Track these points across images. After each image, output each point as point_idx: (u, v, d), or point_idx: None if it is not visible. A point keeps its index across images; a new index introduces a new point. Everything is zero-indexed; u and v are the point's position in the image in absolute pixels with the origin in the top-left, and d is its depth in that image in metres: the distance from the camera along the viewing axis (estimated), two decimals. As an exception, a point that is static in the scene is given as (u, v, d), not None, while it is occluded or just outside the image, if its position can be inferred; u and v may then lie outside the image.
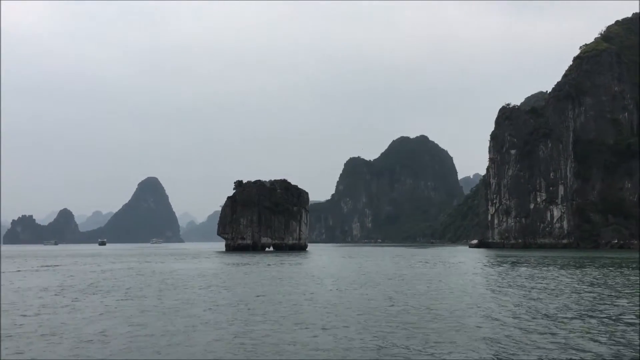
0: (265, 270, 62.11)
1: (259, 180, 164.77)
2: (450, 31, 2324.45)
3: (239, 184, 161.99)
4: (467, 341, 19.73)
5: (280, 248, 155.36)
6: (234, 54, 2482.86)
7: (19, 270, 64.47)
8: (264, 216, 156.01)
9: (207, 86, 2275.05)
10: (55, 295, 35.66)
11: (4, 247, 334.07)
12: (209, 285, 42.19)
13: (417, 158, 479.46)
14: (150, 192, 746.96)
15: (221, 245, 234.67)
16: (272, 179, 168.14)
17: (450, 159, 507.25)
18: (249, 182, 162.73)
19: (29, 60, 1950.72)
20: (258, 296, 34.69)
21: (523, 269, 61.11)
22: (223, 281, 46.62)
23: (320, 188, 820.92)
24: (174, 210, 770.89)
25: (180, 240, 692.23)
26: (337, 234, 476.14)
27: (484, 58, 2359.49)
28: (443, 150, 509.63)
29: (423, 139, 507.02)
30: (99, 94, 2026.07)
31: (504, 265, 70.88)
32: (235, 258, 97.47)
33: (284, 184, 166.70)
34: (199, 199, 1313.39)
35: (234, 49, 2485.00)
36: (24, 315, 26.27)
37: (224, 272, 59.73)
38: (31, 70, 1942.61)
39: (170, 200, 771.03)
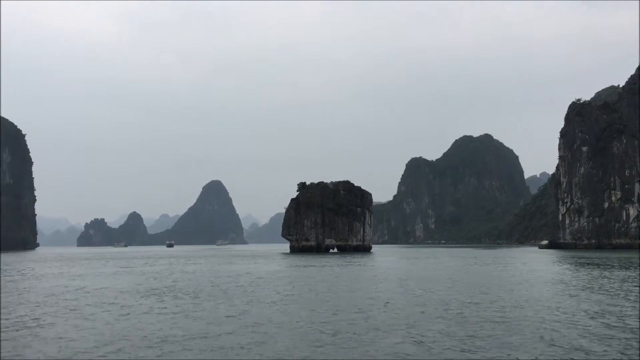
0: (345, 270, 61.85)
1: (322, 182, 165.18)
2: (514, 28, 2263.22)
3: (302, 186, 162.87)
4: None
5: (344, 249, 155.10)
6: (299, 56, 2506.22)
7: (126, 267, 66.81)
8: (327, 218, 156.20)
9: (270, 89, 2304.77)
10: (148, 297, 36.55)
11: (79, 249, 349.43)
12: (292, 286, 42.33)
13: (480, 157, 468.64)
14: (214, 195, 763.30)
15: (285, 247, 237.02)
16: (334, 181, 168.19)
17: (516, 157, 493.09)
18: (312, 184, 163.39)
19: (109, 67, 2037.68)
20: (349, 294, 34.40)
21: (623, 272, 58.27)
22: (306, 282, 46.65)
23: (382, 189, 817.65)
24: (237, 212, 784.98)
25: (244, 242, 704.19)
26: (400, 235, 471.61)
27: (550, 54, 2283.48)
28: (508, 149, 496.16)
29: (487, 138, 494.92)
30: (165, 99, 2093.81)
31: (593, 268, 67.86)
32: (304, 259, 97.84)
33: (347, 186, 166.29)
34: (261, 201, 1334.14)
35: (302, 51, 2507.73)
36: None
37: (301, 273, 59.86)
38: (106, 75, 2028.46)
39: (234, 202, 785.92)
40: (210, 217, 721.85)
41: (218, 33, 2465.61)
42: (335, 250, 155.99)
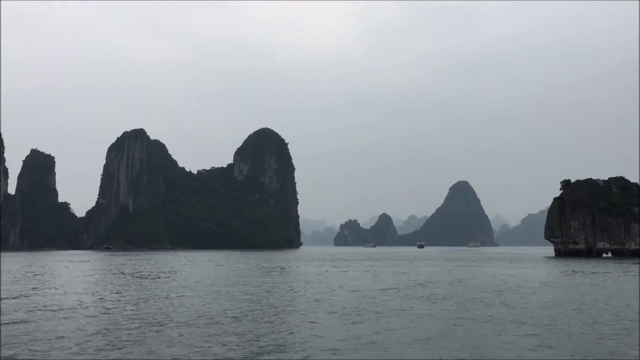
0: None
1: (590, 179, 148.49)
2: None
3: (566, 184, 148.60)
4: None
5: (620, 254, 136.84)
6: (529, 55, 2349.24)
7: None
8: (598, 218, 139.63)
9: (515, 88, 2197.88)
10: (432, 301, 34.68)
11: (334, 249, 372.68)
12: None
13: None
14: (462, 195, 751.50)
15: (545, 250, 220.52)
16: (604, 178, 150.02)
17: None
18: (578, 182, 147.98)
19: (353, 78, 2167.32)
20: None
21: None
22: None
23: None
24: (486, 213, 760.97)
25: (494, 244, 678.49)
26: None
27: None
28: None
29: None
30: (402, 103, 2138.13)
31: None
32: (586, 265, 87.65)
33: (620, 182, 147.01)
34: (511, 202, 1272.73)
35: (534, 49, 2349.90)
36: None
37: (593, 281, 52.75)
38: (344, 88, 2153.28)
39: (482, 203, 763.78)
40: (459, 218, 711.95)
41: (461, 30, 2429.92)
42: (609, 254, 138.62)
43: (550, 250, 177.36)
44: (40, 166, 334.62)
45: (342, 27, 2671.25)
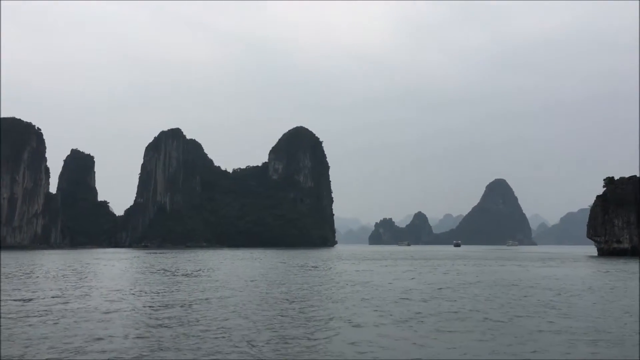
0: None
1: (635, 176, 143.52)
2: None
3: (609, 181, 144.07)
4: None
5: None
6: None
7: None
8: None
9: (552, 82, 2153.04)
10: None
11: (369, 247, 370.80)
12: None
13: None
14: (499, 194, 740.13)
15: (586, 249, 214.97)
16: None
17: None
18: (622, 179, 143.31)
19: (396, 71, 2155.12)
20: None
21: None
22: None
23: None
24: (523, 212, 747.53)
25: (533, 243, 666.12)
26: None
27: None
28: None
29: None
30: (444, 97, 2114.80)
31: None
32: (619, 265, 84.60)
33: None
34: (549, 200, 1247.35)
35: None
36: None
37: None
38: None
39: (520, 201, 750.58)
40: (496, 217, 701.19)
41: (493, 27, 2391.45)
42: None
43: (591, 249, 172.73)
44: (80, 165, 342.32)
45: (379, 23, 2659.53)
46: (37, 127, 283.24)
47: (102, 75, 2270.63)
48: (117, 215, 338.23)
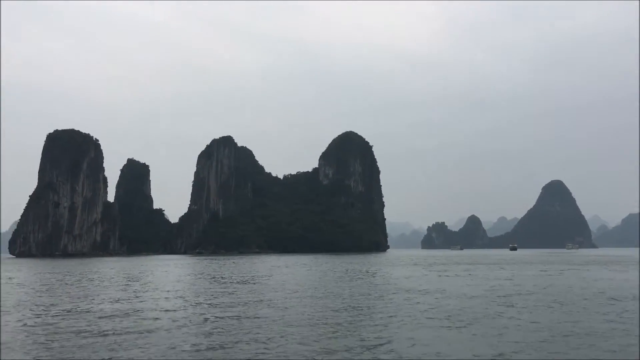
0: None
1: None
2: None
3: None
4: None
5: None
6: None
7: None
8: None
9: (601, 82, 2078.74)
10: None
11: (422, 252, 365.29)
12: None
13: None
14: (556, 195, 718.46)
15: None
16: None
17: None
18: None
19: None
20: None
21: None
22: None
23: None
24: (582, 213, 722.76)
25: (592, 246, 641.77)
26: None
27: None
28: None
29: None
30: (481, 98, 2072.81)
31: None
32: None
33: None
34: (609, 201, 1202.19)
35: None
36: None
37: None
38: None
39: (578, 203, 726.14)
40: (553, 219, 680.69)
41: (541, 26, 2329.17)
42: None
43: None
44: (136, 174, 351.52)
45: (424, 24, 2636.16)
46: (95, 138, 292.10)
47: (155, 84, 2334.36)
48: (172, 222, 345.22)
